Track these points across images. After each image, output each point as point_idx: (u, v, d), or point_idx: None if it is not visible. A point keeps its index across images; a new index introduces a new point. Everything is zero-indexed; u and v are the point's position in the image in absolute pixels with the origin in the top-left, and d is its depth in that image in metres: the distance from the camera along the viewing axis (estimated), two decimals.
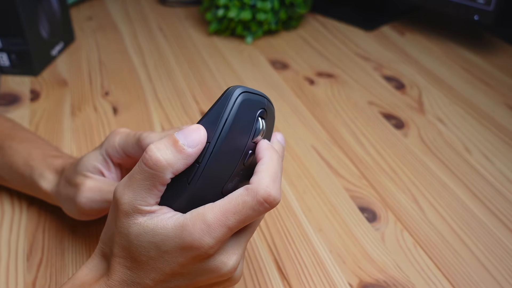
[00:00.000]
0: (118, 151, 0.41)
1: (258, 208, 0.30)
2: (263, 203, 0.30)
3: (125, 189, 0.31)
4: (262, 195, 0.30)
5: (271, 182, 0.31)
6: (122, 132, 0.42)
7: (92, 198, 0.41)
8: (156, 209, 0.31)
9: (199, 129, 0.30)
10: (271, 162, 0.32)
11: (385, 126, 0.65)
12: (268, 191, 0.30)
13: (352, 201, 0.53)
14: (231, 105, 0.30)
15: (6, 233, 0.49)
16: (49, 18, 0.76)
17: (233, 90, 0.31)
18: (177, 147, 0.30)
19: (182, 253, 0.30)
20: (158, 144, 0.30)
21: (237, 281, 0.34)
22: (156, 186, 0.30)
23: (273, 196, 0.30)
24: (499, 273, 0.45)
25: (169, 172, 0.30)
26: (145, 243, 0.31)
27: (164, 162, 0.30)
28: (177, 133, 0.31)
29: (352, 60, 0.81)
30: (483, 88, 0.74)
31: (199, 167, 0.30)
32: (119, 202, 0.31)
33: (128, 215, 0.31)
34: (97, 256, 0.34)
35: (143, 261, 0.31)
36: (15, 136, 0.50)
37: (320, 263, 0.46)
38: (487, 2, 0.76)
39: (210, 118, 0.31)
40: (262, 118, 0.33)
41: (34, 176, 0.46)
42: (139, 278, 0.32)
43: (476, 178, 0.57)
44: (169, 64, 0.79)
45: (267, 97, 0.33)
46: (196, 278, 0.32)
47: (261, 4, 0.82)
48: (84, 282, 0.33)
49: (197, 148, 0.30)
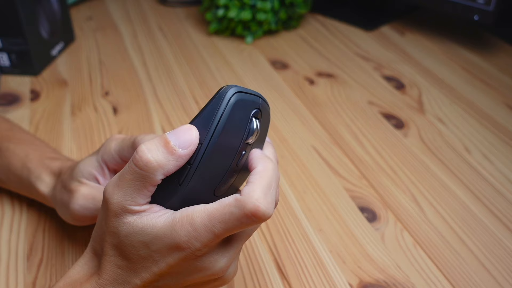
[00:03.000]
0: (114, 156, 0.41)
1: (245, 221, 0.29)
2: (251, 217, 0.29)
3: (114, 189, 0.31)
4: (250, 209, 0.28)
5: (262, 195, 0.29)
6: (117, 137, 0.41)
7: (85, 205, 0.41)
8: (146, 208, 0.31)
9: (191, 130, 0.30)
10: (264, 172, 0.31)
11: (385, 126, 0.65)
12: (257, 206, 0.29)
13: (352, 201, 0.53)
14: (224, 106, 0.29)
15: (6, 233, 0.49)
16: (49, 18, 0.76)
17: (226, 90, 0.30)
18: (169, 148, 0.29)
19: (170, 252, 0.30)
20: (149, 144, 0.30)
21: (228, 280, 0.34)
22: (146, 187, 0.30)
23: (261, 211, 0.29)
24: (499, 273, 0.45)
25: (159, 174, 0.29)
26: (135, 242, 0.30)
27: (154, 163, 0.29)
28: (168, 133, 0.30)
29: (352, 60, 0.81)
30: (483, 88, 0.74)
31: (191, 169, 0.30)
32: (109, 202, 0.31)
33: (117, 215, 0.31)
34: (88, 253, 0.35)
35: (133, 259, 0.31)
36: (13, 138, 0.50)
37: (320, 263, 0.46)
38: (487, 2, 0.76)
39: (202, 119, 0.30)
40: (256, 118, 0.32)
41: (31, 178, 0.46)
42: (129, 277, 0.32)
43: (476, 178, 0.57)
44: (169, 64, 0.79)
45: (262, 96, 0.32)
46: (185, 277, 0.32)
47: (261, 4, 0.82)
48: (76, 280, 0.33)
49: (189, 150, 0.29)
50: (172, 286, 0.32)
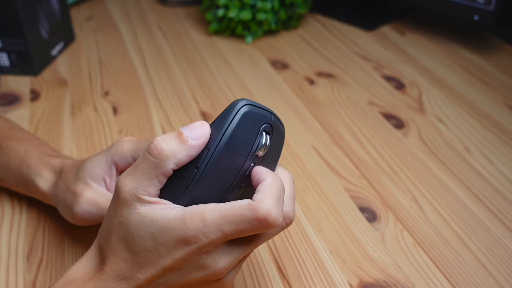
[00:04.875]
0: (126, 157, 0.41)
1: (256, 225, 0.30)
2: (263, 221, 0.30)
3: (127, 177, 0.32)
4: (263, 214, 0.30)
5: (274, 202, 0.31)
6: (130, 139, 0.42)
7: (89, 210, 0.41)
8: (156, 201, 0.32)
9: (204, 125, 0.32)
10: (274, 183, 0.32)
11: (385, 126, 0.65)
12: (270, 211, 0.30)
13: (352, 201, 0.53)
14: (232, 116, 0.31)
15: (6, 233, 0.49)
16: (49, 18, 0.76)
17: (237, 102, 0.32)
18: (181, 139, 0.31)
19: (176, 246, 0.31)
20: (164, 136, 0.32)
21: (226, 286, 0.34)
22: (158, 176, 0.31)
23: (273, 217, 0.30)
24: (499, 273, 0.45)
25: (171, 162, 0.31)
26: (143, 233, 0.31)
27: (167, 151, 0.31)
28: (183, 128, 0.32)
29: (352, 60, 0.81)
30: (483, 88, 0.74)
31: (197, 172, 0.31)
32: (121, 190, 0.32)
33: (128, 204, 0.31)
34: (92, 251, 0.35)
35: (138, 253, 0.31)
36: (13, 136, 0.50)
37: (320, 263, 0.46)
38: (487, 2, 0.76)
39: (213, 127, 0.32)
40: (266, 133, 0.33)
41: (31, 175, 0.46)
42: (132, 272, 0.32)
43: (476, 178, 0.57)
44: (169, 64, 0.79)
45: (275, 114, 0.34)
46: (186, 275, 0.32)
47: (261, 4, 0.82)
48: (77, 278, 0.33)
49: (200, 141, 0.31)
50: (173, 284, 0.33)
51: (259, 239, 0.34)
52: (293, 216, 0.34)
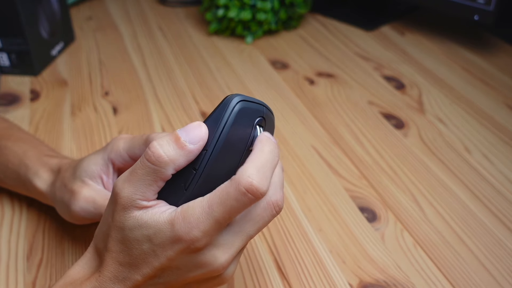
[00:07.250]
0: (122, 155, 0.41)
1: (241, 199, 0.29)
2: (245, 193, 0.29)
3: (125, 183, 0.32)
4: (244, 185, 0.29)
5: (255, 171, 0.30)
6: (125, 137, 0.42)
7: (86, 208, 0.41)
8: (153, 204, 0.32)
9: (200, 126, 0.31)
10: (259, 152, 0.31)
11: (385, 126, 0.65)
12: (250, 181, 0.29)
13: (352, 201, 0.53)
14: (228, 114, 0.31)
15: (6, 233, 0.49)
16: (49, 18, 0.76)
17: (231, 98, 0.31)
18: (179, 144, 0.31)
19: (172, 246, 0.31)
20: (161, 140, 0.31)
21: (227, 280, 0.34)
22: (156, 182, 0.31)
23: (255, 186, 0.29)
24: (499, 273, 0.45)
25: (170, 168, 0.31)
26: (139, 235, 0.31)
27: (166, 158, 0.30)
28: (179, 130, 0.31)
29: (352, 60, 0.81)
30: (483, 88, 0.74)
31: (196, 174, 0.31)
32: (119, 195, 0.32)
33: (125, 209, 0.31)
34: (89, 253, 0.35)
35: (135, 255, 0.31)
36: (11, 136, 0.50)
37: (320, 263, 0.46)
38: (487, 2, 0.76)
39: (208, 124, 0.32)
40: (260, 126, 0.33)
41: (29, 175, 0.46)
42: (130, 273, 0.32)
43: (476, 178, 0.57)
44: (169, 64, 0.79)
45: (266, 105, 0.34)
46: (185, 273, 0.32)
47: (261, 4, 0.82)
48: (76, 279, 0.34)
49: (199, 145, 0.31)
50: (173, 282, 0.33)
51: (252, 225, 0.32)
52: (282, 203, 0.33)
